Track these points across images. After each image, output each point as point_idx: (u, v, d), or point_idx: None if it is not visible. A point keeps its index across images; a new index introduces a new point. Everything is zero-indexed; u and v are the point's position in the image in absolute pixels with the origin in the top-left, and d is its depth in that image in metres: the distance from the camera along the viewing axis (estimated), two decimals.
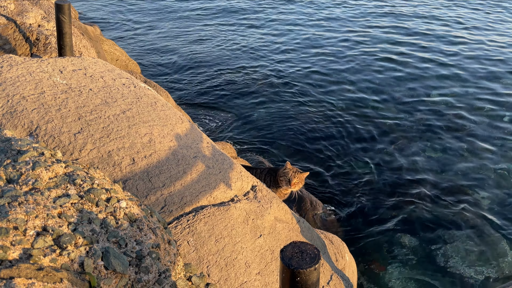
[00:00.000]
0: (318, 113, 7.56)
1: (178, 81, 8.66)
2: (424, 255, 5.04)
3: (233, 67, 9.18)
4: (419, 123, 7.22)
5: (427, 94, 8.07)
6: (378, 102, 7.88)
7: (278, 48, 10.15)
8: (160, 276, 1.71)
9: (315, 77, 8.82)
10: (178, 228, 2.23)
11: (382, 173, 6.18)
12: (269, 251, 2.80)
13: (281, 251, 1.37)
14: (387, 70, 9.08)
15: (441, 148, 6.61)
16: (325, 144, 6.80)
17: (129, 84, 3.21)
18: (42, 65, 2.84)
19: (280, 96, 8.11)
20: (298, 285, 1.31)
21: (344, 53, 9.86)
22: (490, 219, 5.42)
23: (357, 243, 5.21)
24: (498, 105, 7.75)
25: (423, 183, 6.00)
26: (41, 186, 1.78)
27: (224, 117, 7.54)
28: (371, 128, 7.10)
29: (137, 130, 2.60)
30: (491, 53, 9.78)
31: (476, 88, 8.25)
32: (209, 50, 9.98)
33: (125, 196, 1.93)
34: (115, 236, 1.68)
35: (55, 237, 1.54)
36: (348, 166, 6.39)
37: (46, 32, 5.92)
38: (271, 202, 3.32)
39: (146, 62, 9.43)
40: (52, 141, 2.24)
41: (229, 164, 3.20)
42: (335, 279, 3.58)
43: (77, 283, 1.42)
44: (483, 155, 6.45)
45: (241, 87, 8.42)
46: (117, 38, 10.48)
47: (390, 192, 5.87)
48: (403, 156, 6.45)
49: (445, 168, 6.22)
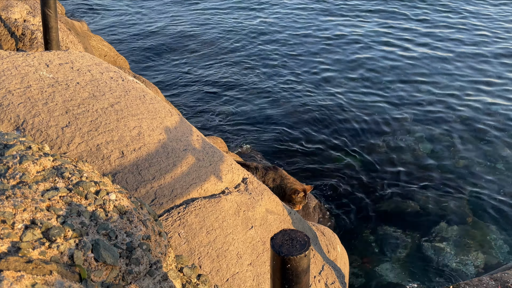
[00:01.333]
0: (309, 108, 7.57)
1: (167, 77, 8.61)
2: (414, 247, 5.10)
3: (225, 63, 9.15)
4: (410, 117, 7.27)
5: (417, 87, 8.12)
6: (370, 95, 7.91)
7: (271, 43, 10.12)
8: (151, 268, 1.71)
9: (307, 71, 8.82)
10: (169, 221, 2.23)
11: (373, 167, 6.22)
12: (261, 242, 2.81)
13: (272, 239, 1.38)
14: (380, 61, 9.12)
15: (431, 142, 6.67)
16: (316, 138, 6.82)
17: (117, 78, 3.19)
18: (28, 59, 2.80)
19: (272, 92, 8.10)
20: (289, 272, 1.32)
21: (338, 47, 9.87)
22: (479, 212, 5.49)
23: (349, 237, 5.25)
24: (488, 96, 7.83)
25: (413, 177, 6.05)
26: (29, 179, 1.76)
27: (215, 112, 7.52)
28: (363, 122, 7.13)
29: (126, 123, 2.59)
30: (479, 38, 9.86)
31: (466, 83, 8.32)
32: (200, 46, 9.92)
33: (114, 189, 1.92)
34: (105, 228, 1.67)
35: (44, 230, 1.53)
36: (339, 161, 6.42)
37: (32, 27, 5.84)
38: (262, 194, 3.33)
39: (135, 58, 9.35)
40: (40, 135, 2.22)
41: (219, 157, 3.20)
42: (326, 269, 3.61)
43: (67, 275, 1.41)
44: (472, 149, 6.52)
45: (232, 83, 8.39)
46: (105, 34, 10.37)
47: (381, 186, 5.91)
48: (394, 150, 6.50)
49: (435, 163, 6.28)
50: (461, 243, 5.10)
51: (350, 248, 5.04)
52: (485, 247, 5.04)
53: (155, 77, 8.56)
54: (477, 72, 8.63)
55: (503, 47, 9.63)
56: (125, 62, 8.15)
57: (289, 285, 1.34)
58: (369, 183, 5.96)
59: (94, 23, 11.13)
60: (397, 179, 6.00)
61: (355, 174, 6.13)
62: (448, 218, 5.40)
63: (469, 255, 4.96)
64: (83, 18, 11.07)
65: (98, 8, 12.19)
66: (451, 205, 5.57)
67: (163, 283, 1.72)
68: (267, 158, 6.41)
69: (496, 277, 3.60)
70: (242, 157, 6.26)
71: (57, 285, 1.34)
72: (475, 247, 5.04)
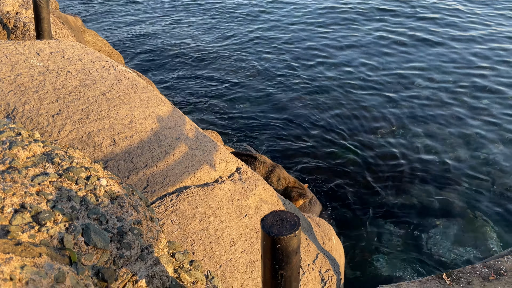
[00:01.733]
0: (304, 101, 7.56)
1: (162, 72, 8.56)
2: (410, 240, 5.13)
3: (220, 57, 9.10)
4: (405, 110, 7.27)
5: (412, 81, 8.12)
6: (364, 88, 7.91)
7: (264, 39, 10.08)
8: (143, 252, 1.71)
9: (300, 66, 8.80)
10: (161, 208, 2.22)
11: (369, 161, 6.22)
12: (254, 230, 2.81)
13: (262, 220, 1.37)
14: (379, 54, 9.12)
15: (426, 137, 6.68)
16: (312, 133, 6.81)
17: (109, 67, 3.16)
18: (18, 48, 2.77)
19: (266, 86, 8.07)
20: (279, 251, 1.31)
21: (334, 41, 9.85)
22: (473, 204, 5.52)
23: (344, 229, 5.26)
24: (481, 91, 7.84)
25: (408, 170, 6.06)
26: (19, 165, 1.75)
27: (209, 106, 7.49)
28: (359, 117, 7.13)
29: (118, 111, 2.57)
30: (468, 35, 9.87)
31: (461, 75, 8.33)
32: (195, 41, 9.87)
33: (105, 174, 1.91)
34: (95, 213, 1.66)
35: (34, 214, 1.52)
36: (335, 154, 6.42)
37: (24, 19, 5.80)
38: (256, 184, 3.32)
39: (129, 53, 9.29)
40: (30, 122, 2.20)
41: (212, 146, 3.19)
42: (320, 258, 3.62)
43: (57, 258, 1.41)
44: (466, 143, 6.54)
45: (227, 78, 8.35)
46: (100, 30, 10.29)
47: (376, 180, 5.93)
48: (390, 144, 6.51)
49: (429, 157, 6.29)
50: (455, 234, 5.13)
51: (346, 240, 5.06)
52: (479, 239, 5.08)
53: (149, 73, 8.51)
54: (472, 65, 8.64)
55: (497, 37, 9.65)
56: (119, 57, 8.08)
57: (279, 265, 1.34)
58: (365, 177, 5.97)
59: (88, 20, 11.03)
60: (392, 173, 6.01)
61: (351, 168, 6.13)
62: (443, 211, 5.43)
63: (463, 247, 4.99)
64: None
65: (92, 4, 12.09)
66: (446, 198, 5.60)
67: (155, 268, 1.72)
68: (264, 153, 6.40)
69: (489, 265, 3.63)
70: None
71: (46, 267, 1.33)
72: (470, 239, 5.07)
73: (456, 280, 3.45)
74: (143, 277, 1.63)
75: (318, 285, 3.07)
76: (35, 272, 1.29)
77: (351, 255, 4.97)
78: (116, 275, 1.56)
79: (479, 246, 4.99)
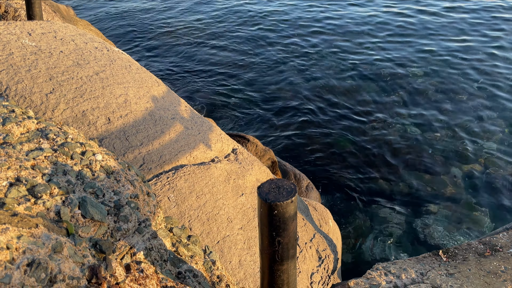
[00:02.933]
0: (297, 90, 7.52)
1: (158, 62, 8.48)
2: (405, 224, 5.16)
3: (220, 51, 9.02)
4: (400, 99, 7.26)
5: (408, 71, 8.10)
6: (361, 79, 7.88)
7: (261, 29, 10.00)
8: (140, 225, 1.71)
9: (298, 55, 8.75)
10: (158, 185, 2.22)
11: (364, 148, 6.23)
12: (251, 208, 2.81)
13: (259, 188, 1.37)
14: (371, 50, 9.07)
15: (421, 124, 6.68)
16: (306, 120, 6.80)
17: (102, 48, 3.13)
18: (9, 27, 2.73)
19: (260, 75, 8.03)
20: (276, 218, 1.31)
21: (330, 35, 9.78)
22: (467, 189, 5.55)
23: (340, 215, 5.29)
24: (478, 82, 7.84)
25: (403, 158, 6.08)
26: (13, 140, 1.74)
27: (206, 97, 7.44)
28: (352, 104, 7.11)
29: (112, 91, 2.55)
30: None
31: (457, 66, 8.31)
32: (189, 30, 9.77)
33: (101, 150, 1.90)
34: (91, 187, 1.66)
35: (29, 187, 1.51)
36: (332, 141, 6.41)
37: (15, 5, 5.72)
38: (252, 164, 3.32)
39: (123, 45, 9.19)
40: (23, 101, 2.18)
41: (208, 126, 3.18)
42: (318, 237, 3.64)
43: (54, 229, 1.40)
44: (460, 129, 6.56)
45: (226, 72, 8.28)
46: (92, 20, 10.17)
47: (371, 167, 5.94)
48: (384, 132, 6.51)
49: (423, 143, 6.31)
50: (450, 219, 5.17)
51: (342, 226, 5.09)
52: (474, 223, 5.12)
53: (144, 62, 8.44)
54: (466, 53, 8.62)
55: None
56: (113, 46, 7.98)
57: (276, 232, 1.34)
58: (360, 164, 5.98)
59: (80, 12, 10.89)
60: (387, 160, 6.03)
61: (346, 155, 6.14)
62: (438, 196, 5.46)
63: (458, 230, 5.04)
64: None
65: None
66: (440, 184, 5.63)
67: (153, 241, 1.72)
68: (255, 134, 6.39)
69: (485, 241, 3.66)
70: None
71: (43, 237, 1.33)
72: (464, 223, 5.12)
73: (452, 257, 3.49)
74: (141, 249, 1.64)
75: (316, 262, 3.09)
76: (32, 242, 1.28)
77: (348, 240, 5.00)
78: (114, 247, 1.56)
79: (474, 230, 5.04)
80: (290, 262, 1.43)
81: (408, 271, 3.16)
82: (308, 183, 5.66)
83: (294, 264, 1.45)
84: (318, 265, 3.03)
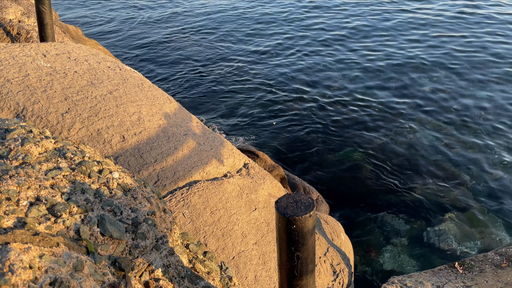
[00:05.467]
0: (305, 102, 7.55)
1: (166, 79, 8.57)
2: (417, 235, 5.11)
3: (224, 66, 9.11)
4: (409, 108, 7.25)
5: (419, 81, 8.10)
6: (367, 89, 7.89)
7: (268, 36, 10.10)
8: (157, 242, 1.72)
9: (298, 68, 8.80)
10: (172, 201, 2.23)
11: (374, 159, 6.21)
12: (265, 223, 2.81)
13: (276, 202, 1.38)
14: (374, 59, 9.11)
15: (430, 133, 6.66)
16: (316, 132, 6.80)
17: (115, 67, 3.18)
18: (25, 49, 2.79)
19: (267, 88, 8.08)
20: (295, 233, 1.32)
21: (329, 43, 9.85)
22: (479, 198, 5.50)
23: (352, 227, 5.24)
24: (486, 90, 7.82)
25: (413, 167, 6.04)
26: (32, 160, 1.77)
27: (212, 110, 7.49)
28: (360, 116, 7.11)
29: (125, 109, 2.59)
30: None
31: (466, 76, 8.31)
32: (196, 48, 9.88)
33: (117, 168, 1.92)
34: (109, 204, 1.68)
35: (49, 206, 1.53)
36: (340, 153, 6.40)
37: (27, 27, 5.86)
38: (264, 179, 3.33)
39: (132, 63, 9.31)
40: (40, 121, 2.22)
41: (220, 142, 3.20)
42: (331, 251, 3.62)
43: (74, 248, 1.42)
44: (470, 139, 6.52)
45: (228, 83, 8.35)
46: (100, 40, 10.33)
47: (382, 178, 5.91)
48: (393, 142, 6.49)
49: (433, 152, 6.28)
50: (462, 228, 5.11)
51: (354, 239, 5.04)
52: (487, 232, 5.06)
53: (153, 80, 8.53)
54: (474, 62, 8.62)
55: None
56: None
57: (295, 246, 1.34)
58: (370, 175, 5.95)
59: (88, 31, 11.08)
60: (398, 170, 5.99)
61: (354, 166, 6.11)
62: (449, 206, 5.41)
63: (471, 239, 4.97)
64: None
65: (91, 16, 12.14)
66: (451, 193, 5.58)
67: (170, 257, 1.73)
68: (268, 155, 6.40)
69: (501, 252, 3.61)
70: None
71: (64, 256, 1.35)
72: (478, 232, 5.05)
73: (469, 269, 3.44)
74: (159, 266, 1.64)
75: (331, 277, 3.06)
76: (53, 261, 1.30)
77: (360, 252, 4.95)
78: (132, 264, 1.57)
79: (488, 239, 4.97)
80: (309, 277, 1.43)
81: (424, 284, 3.12)
82: (318, 196, 5.64)
83: (313, 279, 1.45)
84: (333, 280, 3.00)
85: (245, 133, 6.82)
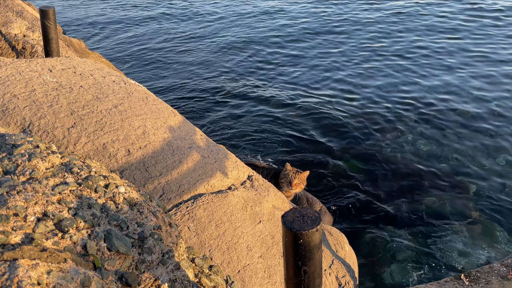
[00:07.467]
0: (310, 112, 7.57)
1: (169, 91, 8.62)
2: (421, 246, 5.07)
3: (224, 73, 9.17)
4: (409, 117, 7.27)
5: (417, 88, 8.13)
6: (366, 98, 7.92)
7: (269, 45, 10.17)
8: (164, 257, 1.72)
9: (297, 74, 8.86)
10: (178, 215, 2.24)
11: (376, 169, 6.19)
12: (270, 236, 2.81)
13: (283, 216, 1.38)
14: (376, 65, 9.16)
15: (432, 142, 6.65)
16: (318, 143, 6.80)
17: (119, 81, 3.22)
18: (31, 65, 2.83)
19: (271, 98, 8.12)
20: (301, 247, 1.32)
21: (329, 49, 9.92)
22: (483, 208, 5.47)
23: (355, 238, 5.21)
24: (487, 94, 7.84)
25: (416, 177, 6.02)
26: (39, 175, 1.78)
27: (213, 121, 7.51)
28: (362, 124, 7.12)
29: (130, 123, 2.61)
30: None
31: (467, 81, 8.34)
32: (201, 59, 9.94)
33: (123, 182, 1.93)
34: (116, 219, 1.68)
35: (56, 221, 1.54)
36: (342, 164, 6.39)
37: (32, 41, 5.92)
38: (268, 191, 3.33)
39: (135, 76, 9.38)
40: (46, 136, 2.24)
41: (224, 154, 3.21)
42: (336, 263, 3.60)
43: (82, 263, 1.42)
44: (473, 146, 6.51)
45: (230, 92, 8.39)
46: (103, 53, 10.43)
47: (385, 188, 5.89)
48: (396, 151, 6.49)
49: (437, 161, 6.27)
50: (467, 239, 5.07)
51: (357, 250, 5.01)
52: (492, 242, 5.02)
53: (156, 93, 8.58)
54: (474, 67, 8.65)
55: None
56: (123, 76, 8.14)
57: (302, 261, 1.35)
58: (373, 185, 5.93)
59: (91, 43, 11.20)
60: (400, 180, 5.97)
61: (357, 176, 6.10)
62: (453, 216, 5.38)
63: (476, 250, 4.94)
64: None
65: (94, 28, 12.28)
66: (455, 203, 5.55)
67: (176, 272, 1.73)
68: (265, 159, 6.40)
69: (508, 263, 3.59)
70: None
71: (72, 272, 1.35)
72: (482, 242, 5.02)
73: (475, 280, 3.41)
74: (165, 281, 1.64)
75: None
76: (61, 277, 1.30)
77: (364, 264, 4.92)
78: (139, 279, 1.57)
79: (493, 249, 4.93)
80: None
81: None
82: (321, 207, 5.62)
83: None
84: None
85: (247, 145, 6.83)
